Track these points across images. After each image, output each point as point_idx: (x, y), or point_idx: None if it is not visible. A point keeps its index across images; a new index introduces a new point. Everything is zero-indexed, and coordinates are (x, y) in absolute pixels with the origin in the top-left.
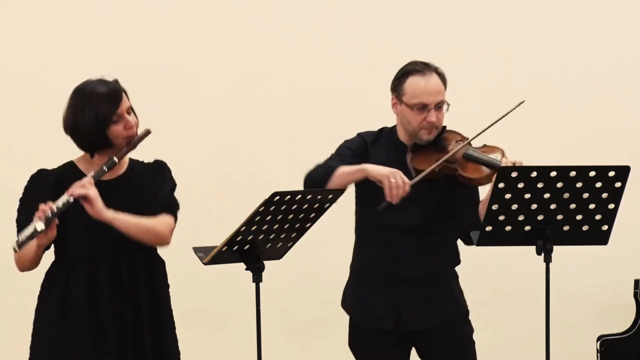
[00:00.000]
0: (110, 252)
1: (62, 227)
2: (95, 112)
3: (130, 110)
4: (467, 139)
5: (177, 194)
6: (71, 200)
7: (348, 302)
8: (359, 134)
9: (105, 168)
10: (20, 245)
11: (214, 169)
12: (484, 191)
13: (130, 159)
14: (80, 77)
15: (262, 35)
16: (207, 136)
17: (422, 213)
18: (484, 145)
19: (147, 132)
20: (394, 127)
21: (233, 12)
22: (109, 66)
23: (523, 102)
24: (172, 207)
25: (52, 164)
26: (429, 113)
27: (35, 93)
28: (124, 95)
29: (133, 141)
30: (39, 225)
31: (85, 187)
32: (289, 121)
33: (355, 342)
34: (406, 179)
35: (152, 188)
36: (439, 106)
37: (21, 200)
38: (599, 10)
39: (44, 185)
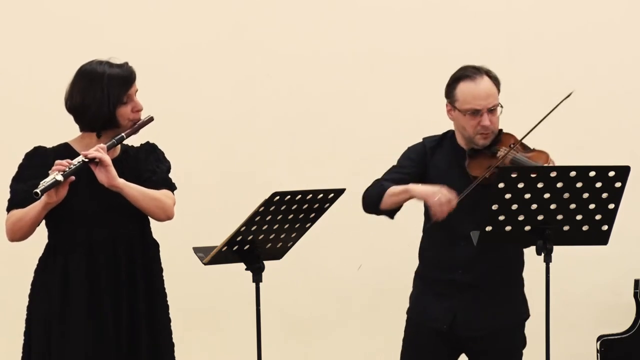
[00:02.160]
0: (109, 235)
1: (61, 209)
2: (107, 92)
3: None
4: (518, 141)
5: (178, 193)
6: (86, 160)
7: (413, 304)
8: (423, 140)
9: (115, 141)
10: (42, 191)
11: (214, 169)
12: None
13: (122, 144)
14: None
15: (262, 35)
16: (207, 136)
17: (480, 219)
18: (534, 150)
19: (151, 119)
20: (452, 132)
21: (233, 12)
22: None
23: (572, 93)
24: (171, 185)
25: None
26: (482, 117)
27: (35, 93)
28: (135, 77)
29: (138, 124)
30: (59, 176)
31: (100, 152)
32: (289, 121)
33: (407, 338)
34: (452, 196)
35: (150, 166)
36: (491, 110)
37: (16, 176)
38: (599, 10)
39: (42, 161)
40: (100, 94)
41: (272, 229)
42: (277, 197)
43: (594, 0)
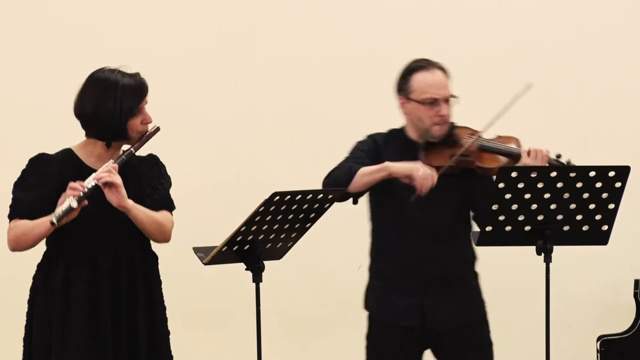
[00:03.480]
0: (111, 248)
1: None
2: (120, 104)
3: None
4: (479, 131)
5: (178, 193)
6: (98, 184)
7: (370, 301)
8: (369, 136)
9: (124, 157)
10: (58, 220)
11: (214, 169)
12: None
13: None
14: (81, 76)
15: (262, 36)
16: (208, 136)
17: (442, 210)
18: (498, 137)
19: (157, 129)
20: (403, 128)
21: (233, 13)
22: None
23: (531, 86)
24: (171, 205)
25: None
26: (440, 107)
27: (36, 93)
28: (148, 89)
29: (146, 135)
30: (74, 202)
31: (112, 174)
32: (289, 121)
33: (372, 338)
34: (432, 170)
35: (152, 182)
36: (447, 100)
37: (19, 183)
38: (599, 10)
39: (47, 170)
40: (113, 105)
41: (272, 229)
42: (277, 197)
43: (594, 0)
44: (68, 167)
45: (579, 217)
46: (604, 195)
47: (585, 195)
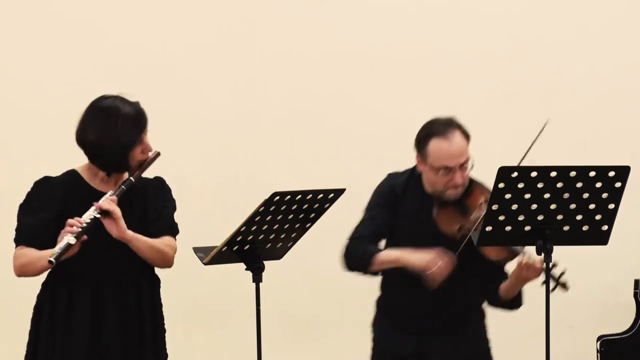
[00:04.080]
0: (115, 275)
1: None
2: (121, 136)
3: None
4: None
5: (178, 193)
6: (98, 216)
7: (375, 331)
8: (388, 182)
9: (124, 187)
10: (57, 258)
11: (214, 169)
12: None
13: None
14: (82, 76)
15: (262, 36)
16: (208, 136)
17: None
18: None
19: (158, 155)
20: (421, 175)
21: (234, 13)
22: (109, 66)
23: (549, 121)
24: (174, 230)
25: (51, 164)
26: (454, 175)
27: (36, 93)
28: (147, 119)
29: (146, 163)
30: (71, 239)
31: (112, 205)
32: (289, 121)
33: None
34: (449, 257)
35: (156, 206)
36: (463, 166)
37: (24, 206)
38: (599, 10)
39: (51, 193)
40: (115, 137)
41: (272, 229)
42: (277, 197)
43: (594, 0)
44: (73, 189)
45: (579, 217)
46: (604, 195)
47: (585, 195)
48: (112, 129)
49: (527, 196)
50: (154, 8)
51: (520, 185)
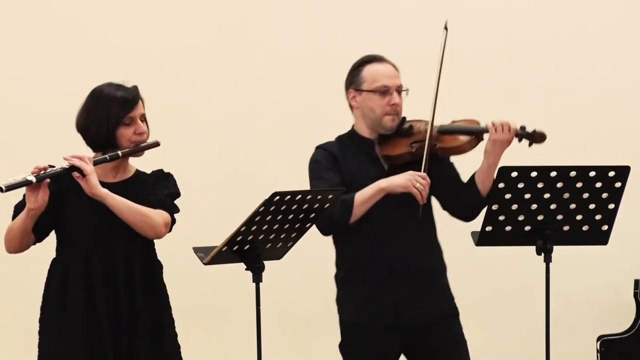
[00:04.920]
0: (107, 249)
1: (65, 221)
2: (107, 112)
3: (144, 118)
4: (429, 120)
5: None
6: (66, 167)
7: (344, 308)
8: (321, 150)
9: (107, 157)
10: (8, 186)
11: (214, 169)
12: (476, 164)
13: (137, 170)
14: (82, 76)
15: (262, 35)
16: (208, 136)
17: (407, 203)
18: (453, 121)
19: (156, 143)
20: (351, 130)
21: (233, 12)
22: (110, 66)
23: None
24: (169, 207)
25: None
26: (391, 96)
27: (36, 93)
28: (140, 101)
29: (141, 146)
30: (30, 176)
31: (83, 160)
32: (289, 121)
33: (347, 345)
34: (421, 173)
35: (155, 189)
36: (399, 91)
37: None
38: (599, 10)
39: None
40: (101, 114)
41: (272, 229)
42: (277, 197)
43: (594, 0)
44: (70, 177)
45: (579, 217)
46: (604, 195)
47: (585, 195)
48: (100, 108)
49: (527, 196)
50: (154, 8)
51: (520, 185)
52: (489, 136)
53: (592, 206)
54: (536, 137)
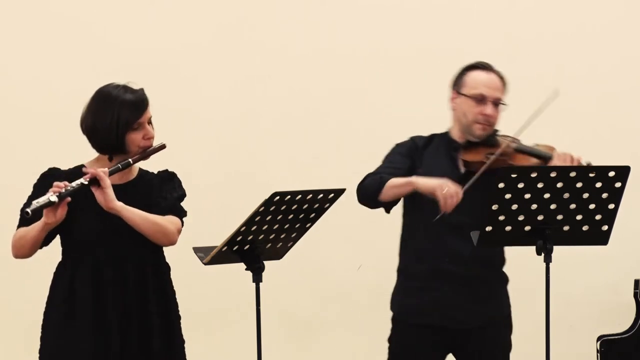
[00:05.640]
0: (116, 255)
1: (72, 227)
2: (117, 117)
3: (151, 121)
4: (519, 139)
5: None
6: (85, 182)
7: (395, 301)
8: (411, 138)
9: (120, 166)
10: (33, 211)
11: (214, 169)
12: None
13: (140, 169)
14: (82, 76)
15: (262, 35)
16: (208, 136)
17: (473, 209)
18: (536, 144)
19: (163, 146)
20: (447, 131)
21: (234, 12)
22: (110, 66)
23: (558, 93)
24: (179, 211)
25: (52, 165)
26: (486, 106)
27: (37, 94)
28: (148, 105)
29: (148, 150)
30: (53, 197)
31: (101, 174)
32: (289, 121)
33: (395, 339)
34: (457, 188)
35: (162, 193)
36: (496, 103)
37: (29, 197)
38: (599, 10)
39: (54, 181)
40: (111, 118)
41: (272, 229)
42: (277, 197)
43: (594, 0)
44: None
45: (579, 217)
46: (604, 195)
47: (585, 195)
48: (109, 111)
49: (527, 196)
50: (154, 8)
51: (520, 185)
52: (551, 162)
53: (592, 206)
54: None
